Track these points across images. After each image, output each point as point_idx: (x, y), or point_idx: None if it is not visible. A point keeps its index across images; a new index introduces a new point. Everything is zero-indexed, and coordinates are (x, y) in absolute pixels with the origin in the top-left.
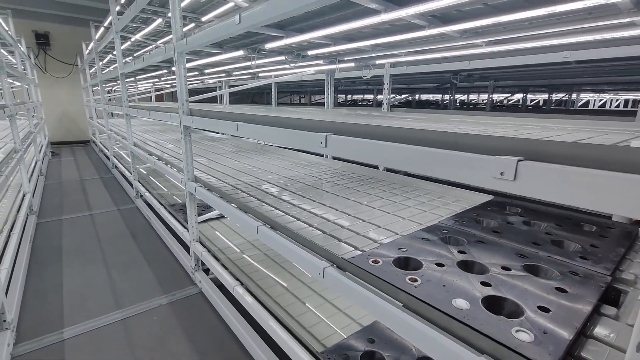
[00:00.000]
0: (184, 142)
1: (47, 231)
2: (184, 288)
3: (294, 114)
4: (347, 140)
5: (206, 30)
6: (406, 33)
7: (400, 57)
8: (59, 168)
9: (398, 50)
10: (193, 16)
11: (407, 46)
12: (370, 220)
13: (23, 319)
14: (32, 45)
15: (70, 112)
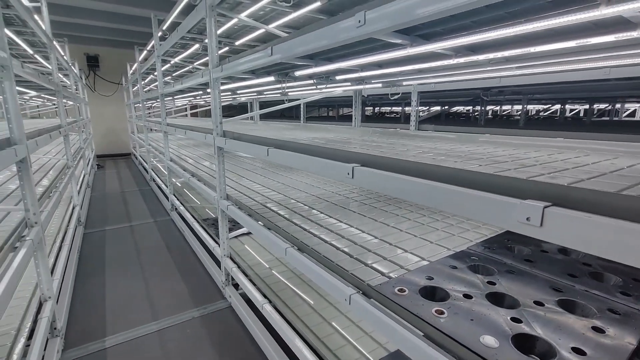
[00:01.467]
0: (217, 162)
1: (92, 242)
2: (215, 302)
3: (322, 132)
4: (373, 173)
5: (240, 60)
6: (433, 61)
7: (428, 79)
8: (103, 180)
9: (425, 75)
10: (227, 41)
11: (434, 71)
12: (397, 243)
13: (70, 326)
14: (84, 66)
15: (115, 127)
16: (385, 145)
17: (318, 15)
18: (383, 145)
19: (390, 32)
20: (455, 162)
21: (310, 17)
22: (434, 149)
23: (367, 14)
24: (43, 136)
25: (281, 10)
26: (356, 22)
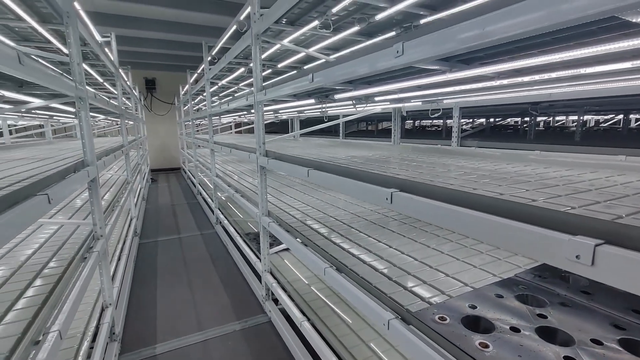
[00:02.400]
0: (260, 180)
1: (146, 251)
2: (255, 316)
3: (360, 149)
4: (412, 199)
5: (283, 86)
6: (475, 83)
7: (470, 97)
8: (156, 193)
9: (467, 94)
10: (270, 64)
11: (477, 90)
12: (438, 266)
13: (126, 331)
14: (142, 89)
15: (167, 143)
16: (425, 166)
17: (357, 37)
18: (423, 165)
19: (429, 61)
20: (499, 185)
21: (349, 39)
22: (476, 170)
23: (405, 44)
24: (109, 156)
25: (321, 35)
26: (394, 52)
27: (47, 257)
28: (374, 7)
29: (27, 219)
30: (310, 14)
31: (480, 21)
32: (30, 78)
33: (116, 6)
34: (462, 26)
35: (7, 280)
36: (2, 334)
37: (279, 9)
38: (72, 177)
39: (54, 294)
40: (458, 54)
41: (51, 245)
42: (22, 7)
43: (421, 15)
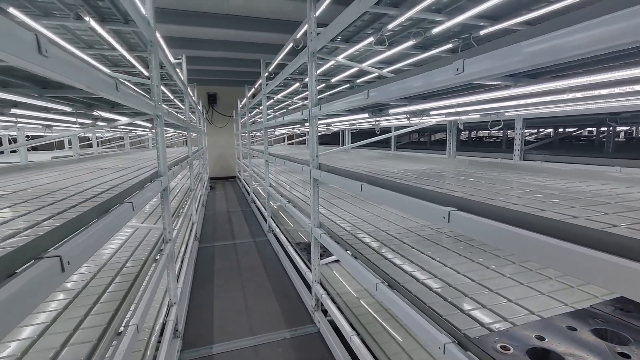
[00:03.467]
0: (312, 192)
1: (204, 255)
2: (304, 325)
3: (413, 162)
4: (471, 219)
5: (337, 102)
6: (542, 96)
7: (535, 109)
8: (214, 200)
9: (533, 107)
10: (324, 78)
11: (544, 104)
12: (499, 290)
13: (187, 330)
14: (205, 103)
15: (224, 153)
16: (484, 182)
17: (411, 51)
18: (481, 181)
19: (491, 78)
20: (571, 207)
21: (403, 52)
22: (543, 187)
23: (466, 62)
24: (177, 166)
25: (375, 50)
26: (454, 70)
27: (126, 257)
28: (431, 21)
29: (118, 224)
30: (365, 30)
31: (552, 37)
32: (123, 101)
33: (186, 30)
34: (531, 42)
35: (94, 276)
36: (91, 323)
37: (335, 27)
38: (149, 186)
39: (131, 291)
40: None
41: (129, 245)
42: (116, 39)
43: (481, 26)
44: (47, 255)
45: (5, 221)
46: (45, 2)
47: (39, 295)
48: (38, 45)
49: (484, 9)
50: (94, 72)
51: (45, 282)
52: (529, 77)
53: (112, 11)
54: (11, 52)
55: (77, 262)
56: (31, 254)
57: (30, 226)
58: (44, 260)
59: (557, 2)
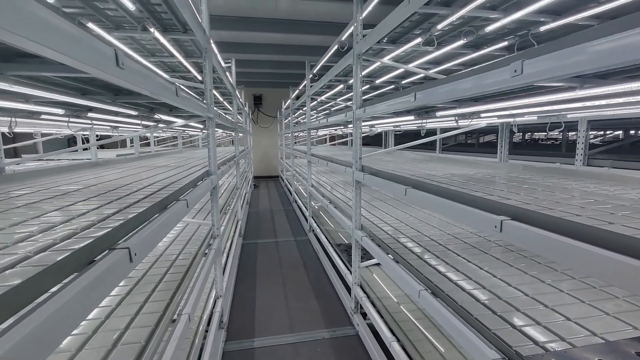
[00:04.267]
0: (355, 194)
1: (248, 251)
2: (343, 327)
3: (460, 166)
4: (527, 230)
5: (382, 104)
6: (614, 98)
7: (603, 111)
8: (257, 198)
9: (601, 109)
10: (368, 80)
11: (615, 105)
12: (555, 306)
13: (230, 322)
14: (251, 104)
15: (268, 153)
16: (541, 190)
17: (461, 50)
18: (538, 188)
19: (553, 80)
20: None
21: (453, 52)
22: (611, 197)
23: (525, 63)
24: (225, 166)
25: (423, 50)
26: (511, 72)
27: (178, 250)
28: (484, 18)
29: (175, 220)
30: (413, 31)
31: (625, 36)
32: (180, 105)
33: (236, 35)
34: (601, 41)
35: (151, 267)
36: (149, 309)
37: (382, 29)
38: (201, 184)
39: (183, 282)
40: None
41: (181, 239)
42: (175, 47)
43: (542, 22)
44: (119, 247)
45: (81, 213)
46: (117, 16)
47: (113, 281)
48: (116, 59)
49: (545, 4)
50: (158, 80)
51: (117, 270)
52: (599, 77)
53: (173, 22)
54: (95, 65)
55: (142, 253)
56: (106, 244)
57: (102, 219)
58: (116, 251)
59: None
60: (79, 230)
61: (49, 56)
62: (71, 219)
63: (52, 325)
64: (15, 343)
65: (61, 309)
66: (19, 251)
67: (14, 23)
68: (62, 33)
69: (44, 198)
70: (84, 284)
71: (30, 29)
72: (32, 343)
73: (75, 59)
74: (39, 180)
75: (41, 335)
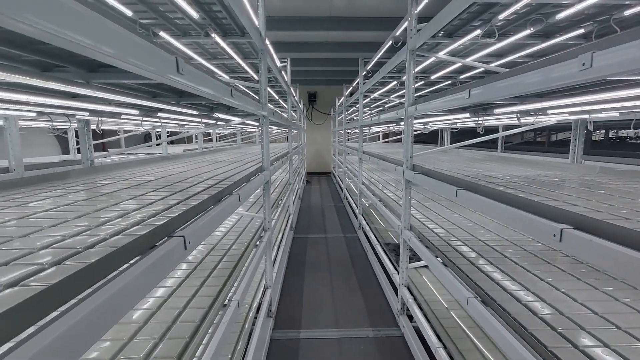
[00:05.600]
0: (405, 194)
1: (298, 245)
2: (388, 327)
3: (524, 166)
4: (591, 241)
5: (435, 101)
6: None
7: None
8: (309, 194)
9: None
10: (423, 75)
11: None
12: (630, 328)
13: (278, 312)
14: (306, 102)
15: (321, 149)
16: (619, 196)
17: (528, 40)
18: (615, 195)
19: (632, 73)
20: None
21: (518, 43)
22: None
23: (594, 55)
24: (279, 162)
25: (482, 43)
26: (579, 65)
27: (232, 240)
28: (555, 4)
29: (227, 212)
30: (472, 23)
31: None
32: (235, 104)
33: (292, 35)
34: None
35: (208, 254)
36: (204, 293)
37: (437, 23)
38: (254, 179)
39: (235, 270)
40: None
41: (235, 230)
42: (233, 50)
43: (626, 5)
44: (176, 235)
45: (150, 202)
46: (184, 24)
47: (169, 265)
48: (177, 65)
49: None
50: (215, 82)
51: (174, 256)
52: None
53: (232, 26)
54: (159, 73)
55: (196, 242)
56: (166, 232)
57: (166, 208)
58: (173, 239)
59: None
60: (146, 217)
61: (122, 66)
62: (141, 207)
63: (119, 299)
64: (90, 311)
65: (127, 286)
66: (100, 234)
67: (97, 40)
68: (133, 45)
69: (123, 188)
70: (145, 265)
71: (108, 44)
72: (103, 311)
73: (142, 68)
74: (120, 171)
75: (109, 307)
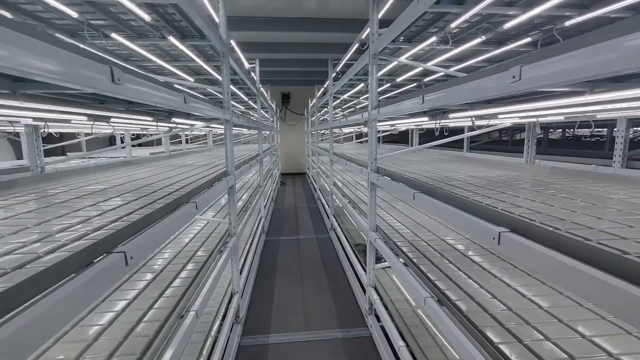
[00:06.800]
0: (370, 195)
1: (270, 248)
2: (357, 328)
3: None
4: (527, 247)
5: (394, 106)
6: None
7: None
8: (283, 195)
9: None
10: (389, 78)
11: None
12: (570, 321)
13: (247, 317)
14: (279, 102)
15: (295, 150)
16: (562, 196)
17: (483, 47)
18: (558, 194)
19: (559, 85)
20: None
21: (476, 49)
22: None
23: (523, 69)
24: (245, 165)
25: (442, 48)
26: (510, 78)
27: (197, 247)
28: (502, 15)
29: (181, 222)
30: (428, 29)
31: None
32: (192, 111)
33: (262, 35)
34: (602, 46)
35: (171, 261)
36: (163, 304)
37: (395, 29)
38: (217, 185)
39: (197, 279)
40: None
41: (201, 236)
42: (194, 52)
43: (567, 16)
44: (115, 251)
45: (99, 214)
46: (138, 26)
47: (107, 283)
48: (112, 76)
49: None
50: (164, 90)
51: (113, 273)
52: (613, 81)
53: (190, 29)
54: (90, 84)
55: (139, 256)
56: (106, 247)
57: (114, 220)
58: (112, 255)
59: None
60: (90, 231)
61: (43, 79)
62: (89, 219)
63: (47, 319)
64: (14, 331)
65: (56, 305)
66: (38, 251)
67: (14, 54)
68: (57, 58)
69: (73, 198)
70: (79, 284)
71: (28, 58)
72: (29, 333)
73: (70, 81)
74: (75, 179)
75: (36, 328)
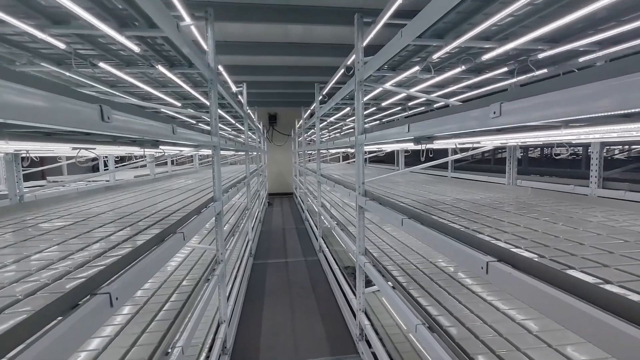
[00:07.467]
0: (358, 219)
1: (258, 272)
2: (348, 354)
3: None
4: (514, 277)
5: (380, 132)
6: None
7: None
8: (271, 216)
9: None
10: (375, 102)
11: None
12: (560, 346)
13: (235, 347)
14: (266, 123)
15: (282, 170)
16: (544, 220)
17: (464, 75)
18: (540, 218)
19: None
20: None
21: (456, 77)
22: (629, 232)
23: (503, 106)
24: (233, 189)
25: (425, 77)
26: (491, 113)
27: (183, 275)
28: (480, 47)
29: (168, 254)
30: (411, 59)
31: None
32: (180, 140)
33: (250, 59)
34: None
35: (154, 293)
36: (146, 340)
37: (380, 59)
38: (205, 212)
39: (182, 311)
40: None
41: (187, 264)
42: (182, 79)
43: (539, 49)
44: (100, 292)
45: (81, 248)
46: (127, 55)
47: (94, 325)
48: (102, 114)
49: (540, 34)
50: (153, 122)
51: (98, 315)
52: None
53: (178, 58)
54: (80, 126)
55: (125, 296)
56: (90, 288)
57: (97, 255)
58: (97, 296)
59: (629, 23)
60: (72, 268)
61: (35, 124)
62: (71, 253)
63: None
64: None
65: (44, 352)
66: (16, 290)
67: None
68: (46, 101)
69: (53, 229)
70: (64, 329)
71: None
72: None
73: (60, 124)
74: (56, 207)
75: None
